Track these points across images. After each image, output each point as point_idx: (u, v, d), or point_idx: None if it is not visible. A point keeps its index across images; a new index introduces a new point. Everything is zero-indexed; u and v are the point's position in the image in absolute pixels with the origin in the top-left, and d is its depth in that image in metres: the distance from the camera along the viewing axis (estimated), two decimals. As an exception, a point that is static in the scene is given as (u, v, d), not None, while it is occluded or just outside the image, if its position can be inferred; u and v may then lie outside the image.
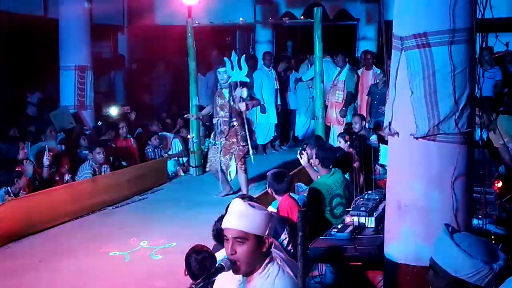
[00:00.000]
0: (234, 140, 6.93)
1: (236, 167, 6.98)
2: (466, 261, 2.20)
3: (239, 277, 2.64)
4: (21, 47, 10.90)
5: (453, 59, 3.06)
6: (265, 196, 5.70)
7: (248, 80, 6.99)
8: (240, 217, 2.54)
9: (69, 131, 8.61)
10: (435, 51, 3.09)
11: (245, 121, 6.95)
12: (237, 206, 2.58)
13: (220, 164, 7.03)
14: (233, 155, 6.95)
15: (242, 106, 6.75)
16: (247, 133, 6.99)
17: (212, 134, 7.27)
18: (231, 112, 6.86)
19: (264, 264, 2.59)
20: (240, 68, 6.68)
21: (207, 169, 7.51)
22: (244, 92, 6.72)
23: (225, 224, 2.59)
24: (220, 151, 6.99)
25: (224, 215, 3.87)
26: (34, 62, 11.17)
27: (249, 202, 2.65)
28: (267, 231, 2.56)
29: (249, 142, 7.04)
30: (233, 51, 7.18)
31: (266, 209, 2.70)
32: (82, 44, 9.27)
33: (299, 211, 2.06)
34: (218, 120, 6.97)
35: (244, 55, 7.08)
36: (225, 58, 6.82)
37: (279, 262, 2.62)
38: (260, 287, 2.57)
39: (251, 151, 7.02)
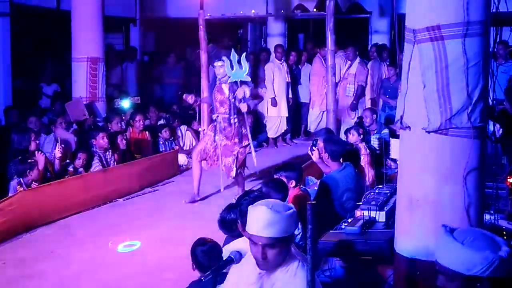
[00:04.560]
0: (236, 140, 6.67)
1: (236, 168, 6.74)
2: (476, 258, 2.18)
3: (259, 268, 2.64)
4: (33, 39, 10.95)
5: (466, 52, 3.03)
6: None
7: (249, 79, 6.64)
8: (270, 225, 2.53)
9: (81, 123, 8.65)
10: (448, 44, 3.06)
11: (246, 121, 6.71)
12: (265, 214, 2.55)
13: (221, 164, 6.76)
14: (236, 158, 6.70)
15: (244, 107, 6.47)
16: (248, 130, 6.74)
17: (211, 126, 6.92)
18: (230, 108, 6.57)
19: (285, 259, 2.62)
20: (241, 67, 6.38)
21: (203, 165, 7.02)
22: (247, 92, 6.44)
23: (253, 230, 2.57)
24: (220, 150, 6.70)
25: (232, 205, 3.89)
26: (46, 54, 11.22)
27: (275, 206, 2.60)
28: (293, 229, 2.62)
29: (251, 140, 6.76)
30: (232, 49, 6.85)
31: (290, 206, 2.68)
32: (94, 36, 9.27)
33: (309, 204, 2.05)
34: (218, 116, 6.68)
35: (245, 52, 6.84)
36: (224, 57, 6.54)
37: (297, 255, 2.66)
38: (281, 280, 2.59)
39: (253, 153, 6.72)
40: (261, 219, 2.54)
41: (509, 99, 5.96)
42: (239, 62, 6.38)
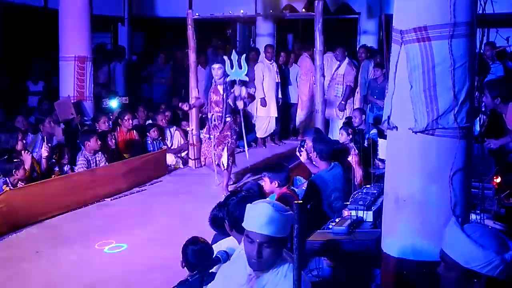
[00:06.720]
0: (228, 133, 7.05)
1: (227, 158, 7.07)
2: (477, 253, 2.17)
3: (249, 270, 2.63)
4: (21, 38, 10.87)
5: (453, 53, 3.05)
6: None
7: (247, 79, 7.01)
8: (270, 223, 2.51)
9: (69, 122, 8.60)
10: (435, 45, 3.07)
11: (241, 118, 7.10)
12: (266, 211, 2.54)
13: (214, 156, 7.07)
14: (226, 146, 7.02)
15: (240, 105, 6.86)
16: (243, 130, 7.09)
17: (205, 128, 7.36)
18: (225, 108, 6.95)
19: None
20: (240, 67, 6.70)
21: (202, 163, 7.75)
22: (243, 91, 6.77)
23: (252, 227, 2.55)
24: (214, 144, 7.06)
25: (222, 203, 3.89)
26: (34, 53, 11.14)
27: (276, 205, 2.60)
28: (289, 231, 2.58)
29: (244, 137, 7.12)
30: (233, 50, 7.22)
31: (289, 209, 2.64)
32: (82, 35, 9.22)
33: (295, 203, 2.05)
34: (212, 115, 7.05)
35: (245, 54, 7.11)
36: (225, 57, 6.85)
37: (288, 258, 2.65)
38: (271, 282, 2.58)
39: (246, 148, 7.11)
40: (262, 215, 2.52)
41: (489, 91, 5.89)
42: (239, 62, 6.68)
